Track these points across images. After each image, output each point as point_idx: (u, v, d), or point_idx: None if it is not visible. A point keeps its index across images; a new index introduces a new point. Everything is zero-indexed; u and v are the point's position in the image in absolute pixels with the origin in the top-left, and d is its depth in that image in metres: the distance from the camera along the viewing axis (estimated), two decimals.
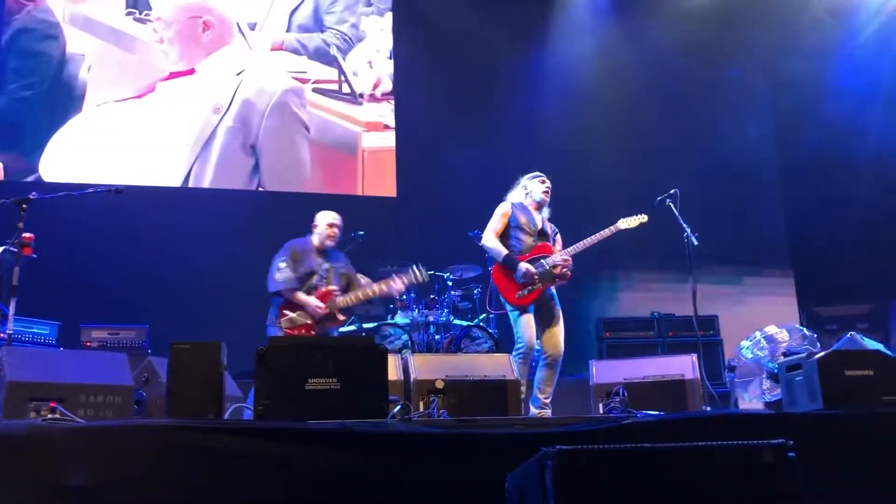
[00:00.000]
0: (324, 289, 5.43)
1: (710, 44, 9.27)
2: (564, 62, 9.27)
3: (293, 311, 5.37)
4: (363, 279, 5.66)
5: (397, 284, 5.53)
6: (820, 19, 8.80)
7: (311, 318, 5.36)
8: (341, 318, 5.47)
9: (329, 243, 5.58)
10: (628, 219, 5.35)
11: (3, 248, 4.51)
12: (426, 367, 4.21)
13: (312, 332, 5.30)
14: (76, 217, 6.79)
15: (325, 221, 5.61)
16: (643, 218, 5.36)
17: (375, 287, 5.52)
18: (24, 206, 4.41)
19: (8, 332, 4.25)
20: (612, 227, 5.30)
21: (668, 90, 9.25)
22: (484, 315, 7.18)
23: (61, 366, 3.63)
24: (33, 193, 4.56)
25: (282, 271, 5.39)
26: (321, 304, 5.35)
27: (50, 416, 3.15)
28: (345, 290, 5.55)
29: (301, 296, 5.37)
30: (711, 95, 9.33)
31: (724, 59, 9.43)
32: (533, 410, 5.03)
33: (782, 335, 5.38)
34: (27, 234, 4.38)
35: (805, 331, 5.39)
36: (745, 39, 9.48)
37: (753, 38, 9.50)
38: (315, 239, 5.60)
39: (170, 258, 7.50)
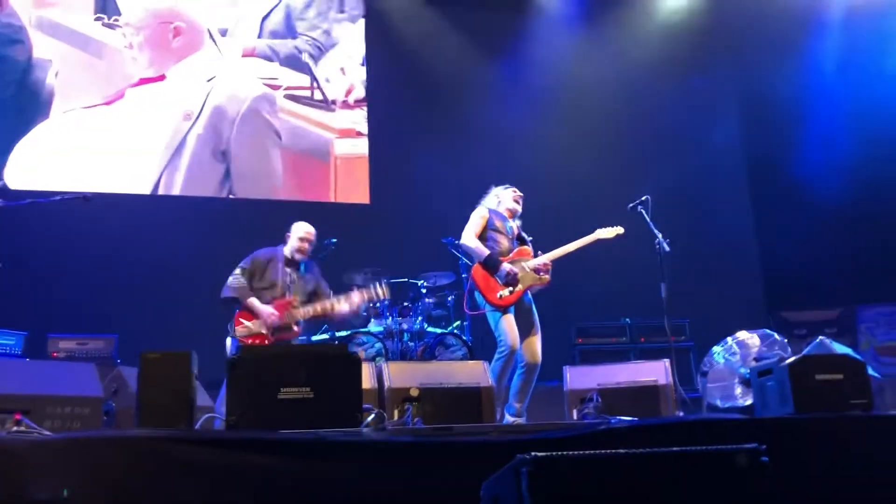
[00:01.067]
0: (283, 299, 5.36)
1: (677, 53, 9.38)
2: (535, 70, 9.32)
3: (250, 319, 5.29)
4: (354, 293, 5.59)
5: (355, 299, 5.48)
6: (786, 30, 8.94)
7: (266, 327, 5.26)
8: (296, 329, 5.37)
9: (299, 256, 5.52)
10: (606, 229, 5.41)
11: None
12: (400, 375, 4.20)
13: (267, 343, 5.20)
14: (43, 225, 6.69)
15: (297, 235, 5.54)
16: (620, 230, 5.43)
17: (334, 302, 5.44)
18: None
19: None
20: (591, 237, 5.35)
21: (638, 98, 9.35)
22: (458, 322, 7.18)
23: (27, 376, 3.56)
24: None
25: (236, 278, 5.35)
26: (275, 313, 5.27)
27: (15, 428, 3.08)
28: (311, 297, 5.49)
29: (254, 303, 5.29)
30: (680, 104, 9.43)
31: (692, 67, 9.54)
32: (508, 418, 5.02)
33: (753, 340, 5.43)
34: None
35: (776, 336, 5.46)
36: (713, 48, 9.62)
37: (721, 47, 9.63)
38: (286, 250, 5.54)
39: (139, 267, 7.41)
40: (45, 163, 7.68)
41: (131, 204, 7.75)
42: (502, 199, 5.45)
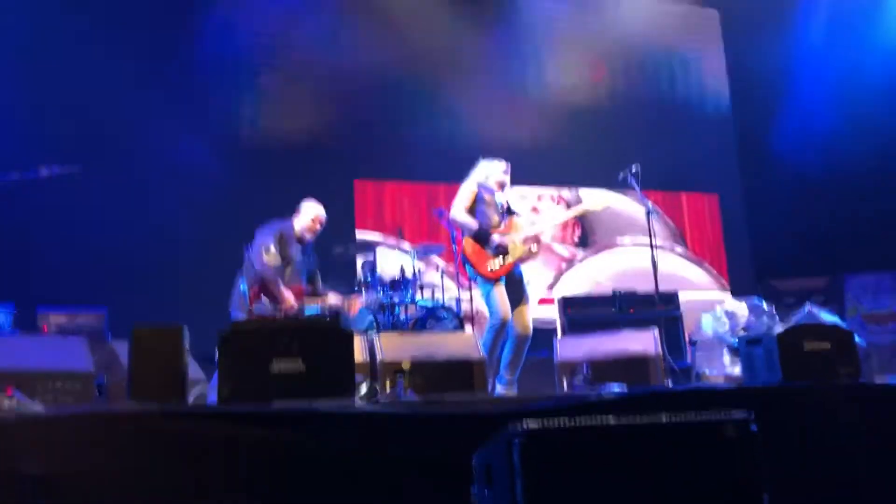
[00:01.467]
0: (297, 285, 5.33)
1: (669, 22, 9.34)
2: (523, 38, 9.26)
3: (268, 297, 5.18)
4: (332, 294, 5.58)
5: (348, 303, 5.49)
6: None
7: (281, 312, 5.17)
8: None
9: (309, 237, 5.45)
10: (593, 200, 5.42)
11: None
12: (392, 347, 4.20)
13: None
14: (30, 197, 6.62)
15: (310, 215, 5.44)
16: (607, 201, 5.44)
17: (335, 300, 5.41)
18: None
19: None
20: (578, 208, 5.36)
21: (628, 68, 9.31)
22: (449, 295, 7.20)
23: (18, 351, 3.55)
24: None
25: (271, 255, 5.15)
26: (294, 304, 5.19)
27: (7, 403, 3.08)
28: (309, 281, 5.51)
29: (282, 288, 5.18)
30: (670, 74, 9.41)
31: (684, 35, 9.51)
32: (499, 388, 5.06)
33: (742, 310, 5.47)
34: None
35: (764, 305, 5.50)
36: (704, 18, 9.58)
37: (711, 17, 9.60)
38: (296, 226, 5.43)
39: (129, 239, 7.36)
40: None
41: (119, 173, 7.67)
42: (490, 173, 5.44)
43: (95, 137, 7.40)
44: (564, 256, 9.24)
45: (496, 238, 5.15)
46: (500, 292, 5.10)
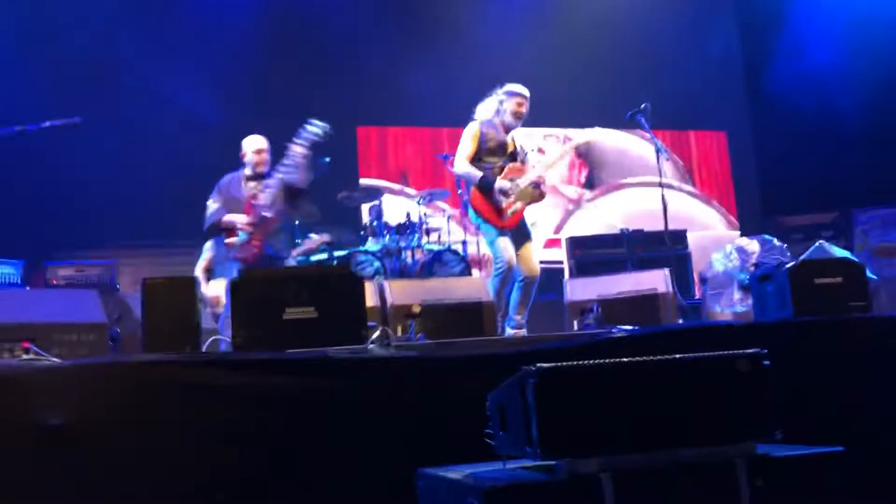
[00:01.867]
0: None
1: None
2: None
3: (233, 235, 5.18)
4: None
5: (292, 152, 5.18)
6: None
7: (247, 228, 5.15)
8: (270, 215, 5.18)
9: (261, 169, 5.33)
10: (579, 133, 5.37)
11: None
12: (402, 292, 4.22)
13: (256, 249, 5.12)
14: (34, 151, 6.59)
15: (251, 149, 5.38)
16: (595, 131, 5.39)
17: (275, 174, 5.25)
18: None
19: None
20: (568, 145, 5.33)
21: (636, 6, 9.12)
22: (455, 239, 7.19)
23: (31, 305, 3.57)
24: None
25: (209, 209, 5.26)
26: (246, 217, 5.16)
27: (24, 356, 3.11)
28: (287, 196, 5.27)
29: (228, 216, 5.20)
30: (677, 11, 9.23)
31: None
32: (508, 331, 5.09)
33: (752, 246, 5.44)
34: None
35: (775, 241, 5.47)
36: None
37: None
38: (247, 170, 5.37)
39: (133, 190, 7.34)
40: None
41: (122, 123, 7.61)
42: (504, 110, 5.30)
43: (96, 87, 7.34)
44: (572, 198, 9.19)
45: (499, 184, 5.09)
46: (505, 240, 5.10)
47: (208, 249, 5.49)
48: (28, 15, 7.39)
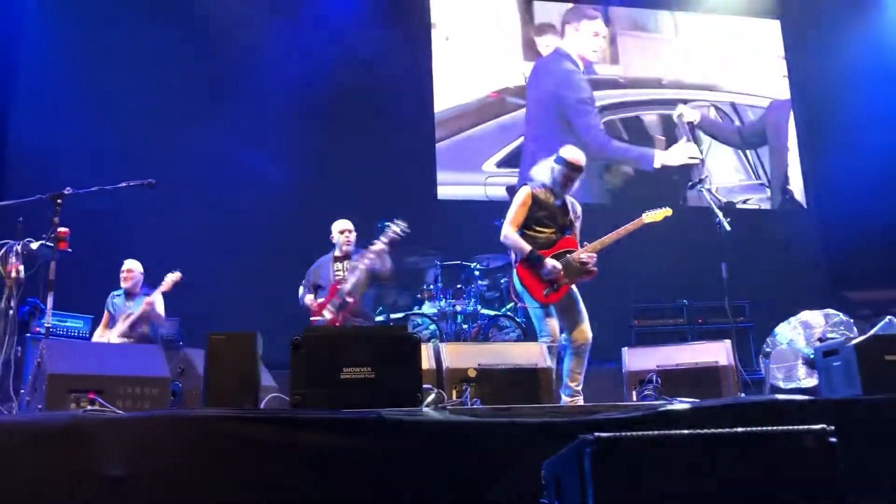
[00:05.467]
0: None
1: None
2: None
3: (317, 316, 5.66)
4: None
5: (376, 247, 5.70)
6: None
7: (329, 312, 5.62)
8: (351, 300, 5.62)
9: (347, 248, 5.84)
10: (653, 212, 5.13)
11: (39, 242, 4.56)
12: (458, 355, 4.20)
13: (338, 323, 5.53)
14: (107, 211, 6.85)
15: (337, 230, 5.90)
16: (668, 211, 5.16)
17: (361, 261, 5.71)
18: (59, 200, 4.45)
19: (46, 325, 4.30)
20: (636, 221, 5.07)
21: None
22: (511, 304, 7.16)
23: (99, 358, 3.68)
24: (68, 189, 4.60)
25: (301, 294, 5.88)
26: (323, 300, 5.67)
27: (89, 407, 3.19)
28: (370, 282, 5.76)
29: (309, 297, 5.75)
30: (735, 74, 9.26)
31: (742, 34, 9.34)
32: (564, 399, 4.96)
33: (817, 320, 5.30)
34: (62, 229, 4.43)
35: (841, 316, 5.31)
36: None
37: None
38: (336, 251, 5.90)
39: (198, 249, 7.54)
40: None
41: (193, 185, 7.89)
42: (556, 175, 4.97)
43: (168, 151, 7.66)
44: None
45: (549, 263, 4.85)
46: (552, 318, 4.91)
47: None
48: (101, 80, 7.80)
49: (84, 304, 6.41)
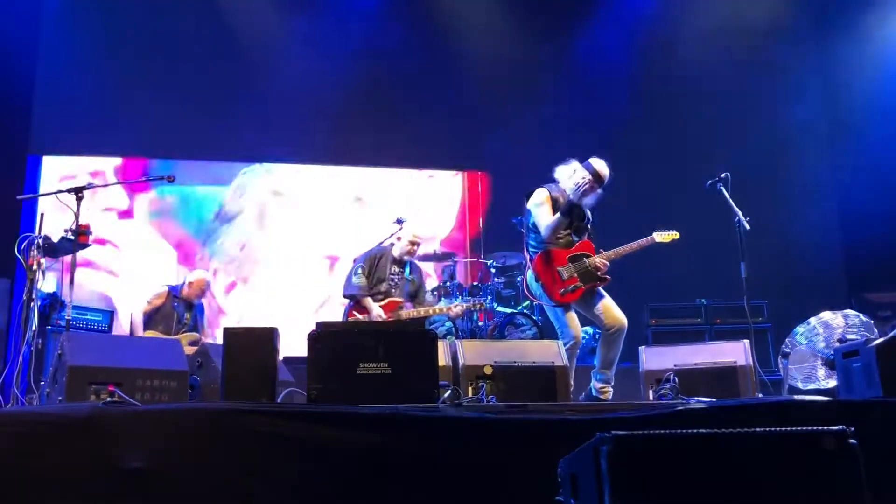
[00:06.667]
0: (392, 299, 5.79)
1: (754, 23, 9.08)
2: (608, 46, 9.16)
3: (361, 314, 5.72)
4: (429, 295, 6.19)
5: (457, 310, 6.04)
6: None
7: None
8: (402, 312, 5.77)
9: (407, 258, 5.95)
10: (662, 233, 5.19)
11: (60, 236, 4.61)
12: (474, 352, 4.21)
13: None
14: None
15: (408, 238, 5.96)
16: (675, 234, 5.24)
17: (439, 307, 6.02)
18: (80, 194, 4.48)
19: (67, 318, 4.35)
20: (647, 238, 5.13)
21: (715, 71, 9.08)
22: (527, 302, 7.15)
23: (119, 351, 3.71)
24: (89, 183, 4.64)
25: (358, 276, 5.84)
26: (383, 314, 5.69)
27: (109, 399, 3.22)
28: (412, 297, 5.92)
29: (369, 301, 5.76)
30: (760, 78, 9.15)
31: (771, 40, 9.22)
32: (595, 384, 4.91)
33: (837, 321, 5.23)
34: (84, 223, 4.47)
35: (861, 317, 5.25)
36: (796, 18, 9.30)
37: (804, 17, 9.31)
38: (396, 250, 5.95)
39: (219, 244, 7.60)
40: None
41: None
42: (574, 186, 4.93)
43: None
44: None
45: (566, 266, 4.91)
46: (571, 315, 4.90)
47: None
48: (118, 71, 7.88)
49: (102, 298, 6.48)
